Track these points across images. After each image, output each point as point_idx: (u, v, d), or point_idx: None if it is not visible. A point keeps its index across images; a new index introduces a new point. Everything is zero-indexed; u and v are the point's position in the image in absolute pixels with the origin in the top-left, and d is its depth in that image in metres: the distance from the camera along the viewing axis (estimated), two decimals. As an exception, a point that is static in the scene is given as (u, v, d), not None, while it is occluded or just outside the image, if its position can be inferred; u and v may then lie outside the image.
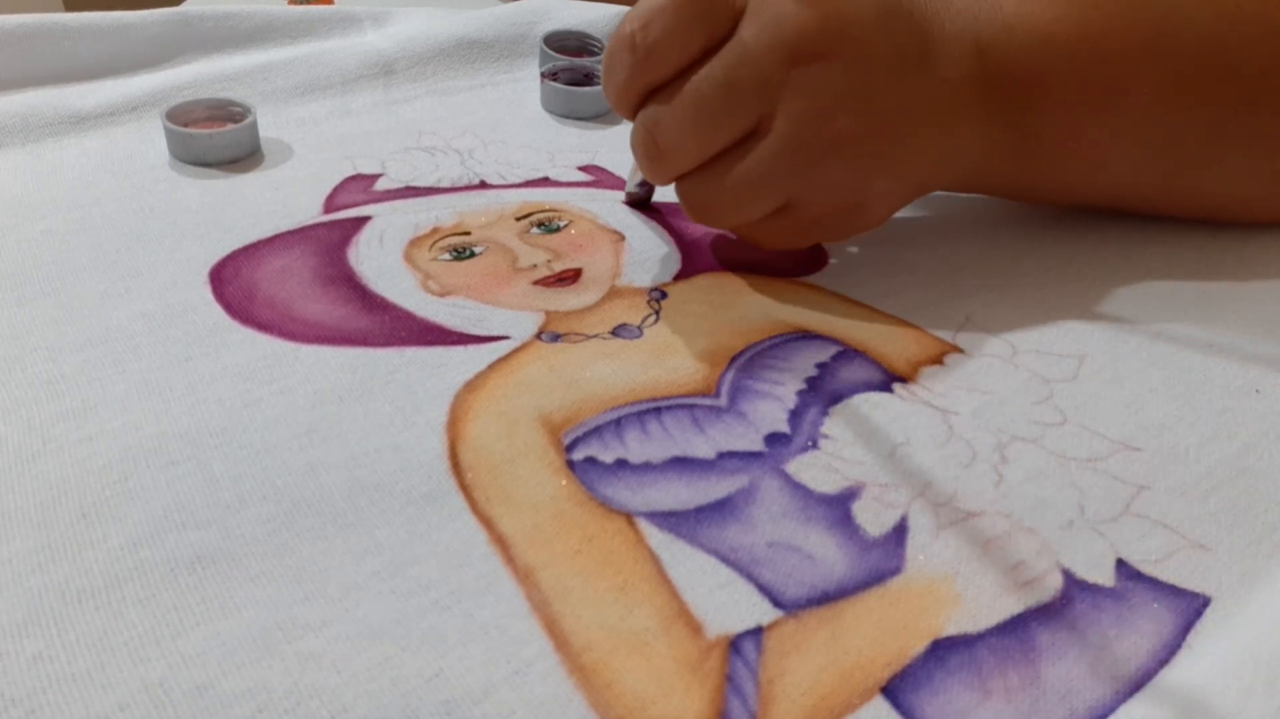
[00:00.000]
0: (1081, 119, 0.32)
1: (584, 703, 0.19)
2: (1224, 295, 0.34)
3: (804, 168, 0.29)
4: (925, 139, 0.30)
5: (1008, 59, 0.31)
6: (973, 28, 0.31)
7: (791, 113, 0.28)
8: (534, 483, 0.24)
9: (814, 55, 0.27)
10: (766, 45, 0.27)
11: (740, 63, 0.27)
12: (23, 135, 0.38)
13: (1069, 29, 0.31)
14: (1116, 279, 0.35)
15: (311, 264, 0.32)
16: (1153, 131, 0.33)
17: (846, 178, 0.30)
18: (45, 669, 0.19)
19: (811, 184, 0.29)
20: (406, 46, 0.46)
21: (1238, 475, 0.26)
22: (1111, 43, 0.32)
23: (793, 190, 0.29)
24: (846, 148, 0.29)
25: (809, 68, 0.27)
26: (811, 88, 0.28)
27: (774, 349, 0.30)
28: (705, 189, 0.30)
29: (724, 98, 0.28)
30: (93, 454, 0.24)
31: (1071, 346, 0.31)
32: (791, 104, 0.28)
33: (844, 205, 0.31)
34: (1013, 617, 0.22)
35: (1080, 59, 0.31)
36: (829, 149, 0.28)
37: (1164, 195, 0.36)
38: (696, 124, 0.28)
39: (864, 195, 0.30)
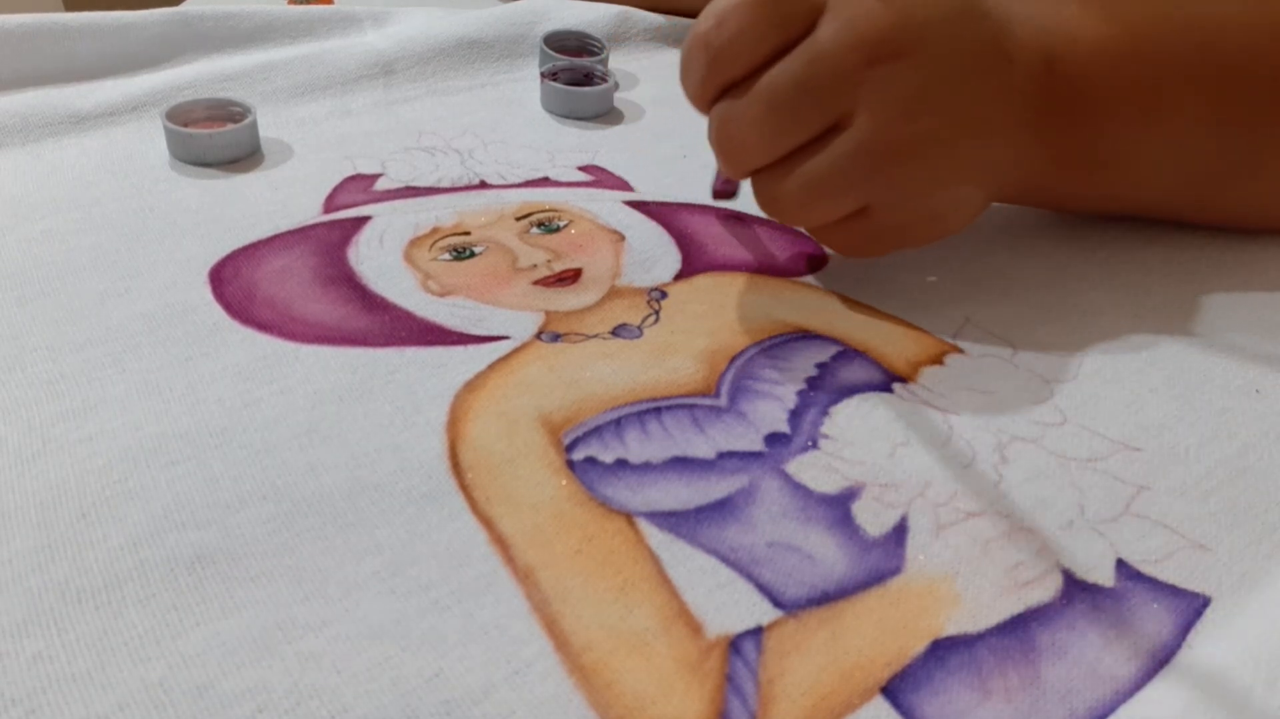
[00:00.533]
0: (1135, 131, 0.32)
1: (584, 703, 0.19)
2: (1224, 295, 0.34)
3: (881, 169, 0.28)
4: (998, 145, 0.30)
5: (1073, 71, 0.31)
6: (1040, 38, 0.31)
7: (871, 112, 0.27)
8: (534, 483, 0.24)
9: (892, 54, 0.27)
10: (845, 44, 0.27)
11: (817, 60, 0.27)
12: (23, 135, 0.38)
13: (1127, 43, 0.32)
14: (1116, 279, 0.35)
15: (311, 264, 0.32)
16: (1201, 144, 0.33)
17: (923, 181, 0.29)
18: (45, 669, 0.19)
19: (888, 186, 0.29)
20: (406, 46, 0.46)
21: (1238, 475, 0.26)
22: (1165, 57, 0.32)
23: (869, 192, 0.29)
24: (925, 149, 0.28)
25: (887, 67, 0.27)
26: (890, 87, 0.27)
27: (774, 349, 0.30)
28: (780, 186, 0.29)
29: (799, 95, 0.27)
30: (93, 454, 0.24)
31: (1071, 346, 0.31)
32: (871, 103, 0.27)
33: (921, 211, 0.30)
34: (1013, 617, 0.22)
35: (1136, 73, 0.32)
36: (907, 150, 0.28)
37: (1206, 206, 0.36)
38: (770, 121, 0.28)
39: (941, 201, 0.30)
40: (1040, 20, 0.31)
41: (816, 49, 0.27)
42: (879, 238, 0.31)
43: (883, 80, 0.27)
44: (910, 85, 0.28)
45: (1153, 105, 0.32)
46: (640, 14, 0.52)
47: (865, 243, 0.31)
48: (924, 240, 0.32)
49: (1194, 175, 0.35)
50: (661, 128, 0.44)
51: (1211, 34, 0.32)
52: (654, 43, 0.52)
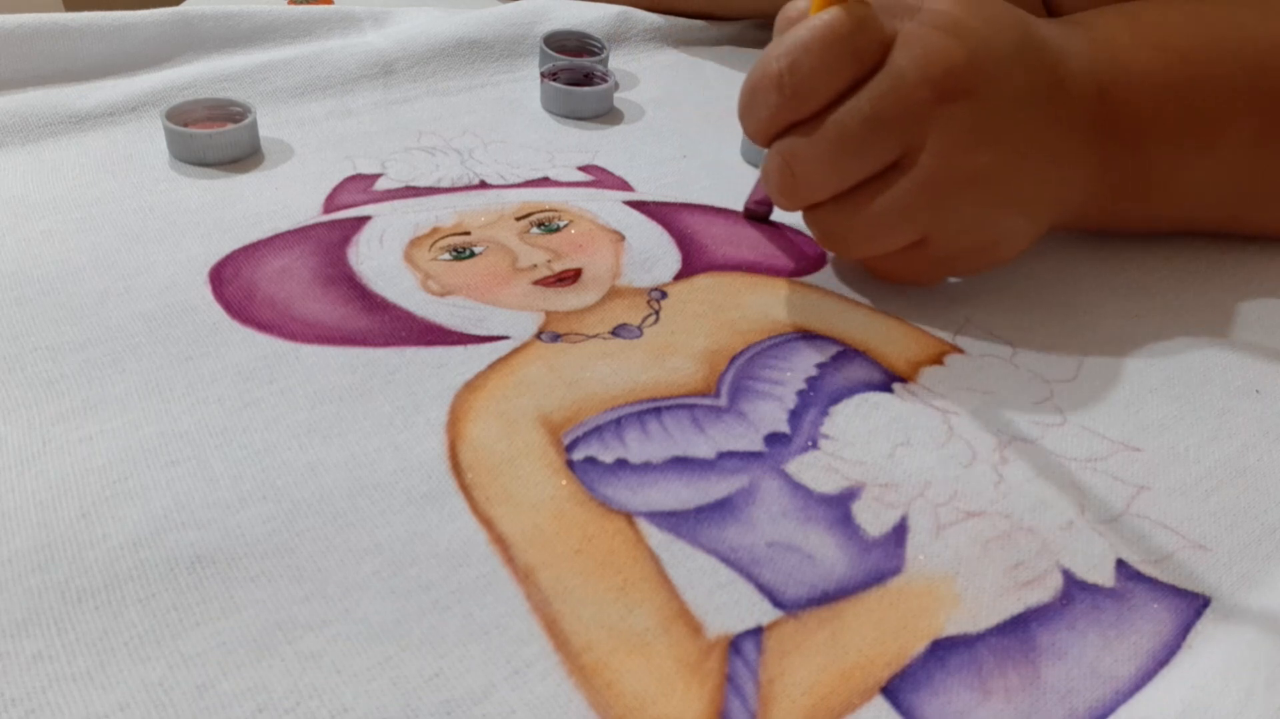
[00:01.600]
0: (1186, 158, 0.33)
1: (584, 703, 0.19)
2: (1224, 295, 0.34)
3: (943, 202, 0.29)
4: (1054, 175, 0.30)
5: (1125, 98, 0.31)
6: (1093, 68, 0.31)
7: (936, 148, 0.28)
8: (534, 483, 0.24)
9: (961, 91, 0.28)
10: (915, 80, 0.27)
11: (887, 96, 0.28)
12: (23, 135, 0.38)
13: (1179, 71, 0.32)
14: (1116, 279, 0.35)
15: (311, 264, 0.32)
16: (1248, 164, 0.34)
17: (983, 214, 0.30)
18: (45, 669, 0.19)
19: (949, 219, 0.29)
20: (406, 46, 0.46)
21: (1238, 475, 0.26)
22: (1216, 82, 0.32)
23: (930, 225, 0.29)
24: (985, 183, 0.29)
25: (955, 105, 0.28)
26: (956, 123, 0.28)
27: (774, 349, 0.30)
28: (840, 220, 0.30)
29: (868, 131, 0.28)
30: (93, 454, 0.24)
31: (1071, 347, 0.31)
32: (936, 139, 0.28)
33: (979, 242, 0.31)
34: (1013, 617, 0.22)
35: (1188, 99, 0.32)
36: (968, 184, 0.29)
37: (1249, 223, 0.37)
38: (838, 157, 0.28)
39: (998, 232, 0.31)
40: (1092, 50, 0.31)
41: (887, 85, 0.28)
42: (934, 267, 0.31)
43: (950, 117, 0.28)
44: (974, 121, 0.28)
45: (1204, 130, 0.33)
46: (640, 14, 0.52)
47: (921, 272, 0.32)
48: (977, 269, 0.32)
49: (1239, 195, 0.35)
50: (661, 128, 0.44)
51: (1263, 57, 0.33)
52: (654, 43, 0.52)
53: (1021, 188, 0.30)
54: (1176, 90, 0.32)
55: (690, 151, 0.42)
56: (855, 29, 0.28)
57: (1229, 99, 0.33)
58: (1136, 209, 0.35)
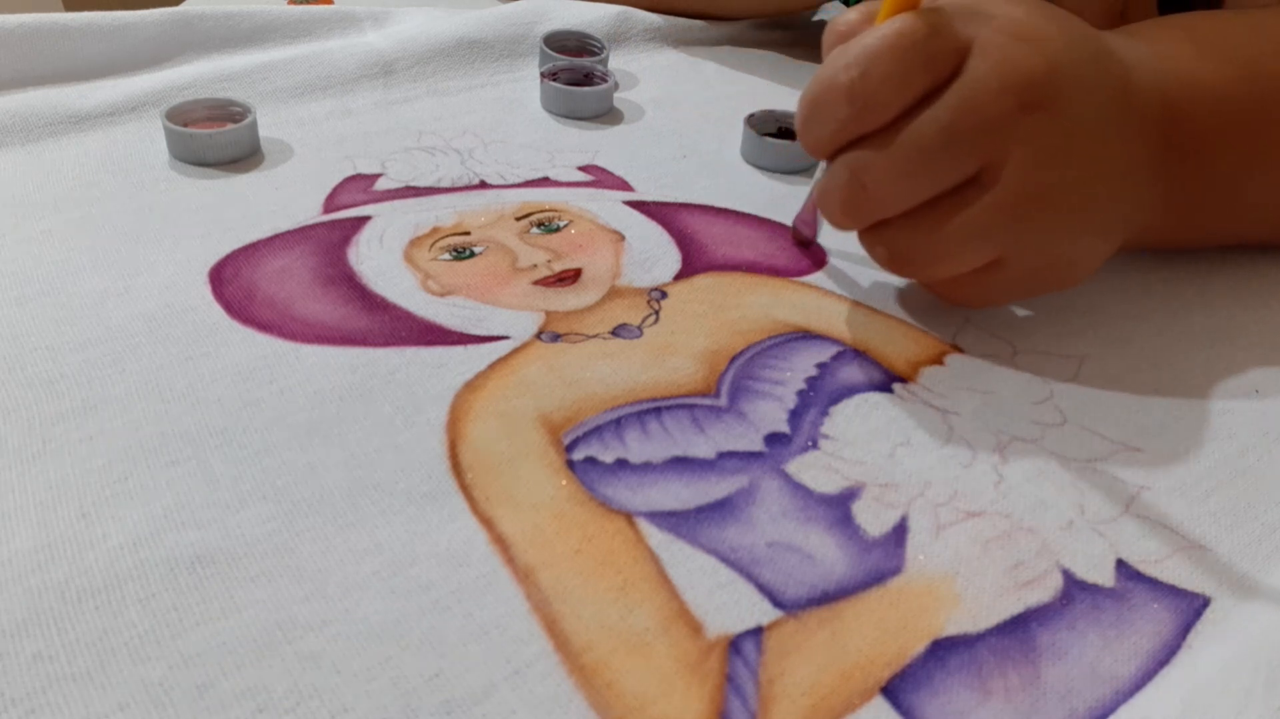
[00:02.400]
0: (1248, 174, 0.33)
1: (584, 703, 0.19)
2: (1224, 296, 0.34)
3: (1024, 220, 0.27)
4: (1128, 193, 0.30)
5: (1189, 114, 0.31)
6: (1159, 82, 0.30)
7: (1020, 161, 0.26)
8: (534, 483, 0.24)
9: (1041, 102, 0.26)
10: (995, 90, 0.26)
11: (967, 106, 0.26)
12: (23, 135, 0.38)
13: (1244, 85, 0.32)
14: (1116, 279, 0.35)
15: (311, 264, 0.32)
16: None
17: (1062, 232, 0.28)
18: (45, 669, 0.19)
19: (1028, 238, 0.28)
20: (406, 46, 0.46)
21: (1238, 475, 0.27)
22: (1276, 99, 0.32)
23: (1008, 244, 0.28)
24: (1064, 200, 0.28)
25: (1036, 116, 0.26)
26: (1038, 137, 0.27)
27: (774, 349, 0.30)
28: (911, 239, 0.28)
29: (946, 143, 0.26)
30: (93, 454, 0.24)
31: (1071, 347, 0.31)
32: (1020, 152, 0.26)
33: (1055, 262, 0.29)
34: (1013, 617, 0.22)
35: (1250, 118, 0.32)
36: (1046, 200, 0.27)
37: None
38: (913, 170, 0.27)
39: (1075, 252, 0.29)
40: (1157, 63, 0.31)
41: (966, 94, 0.26)
42: (1009, 289, 0.30)
43: (1033, 128, 0.26)
44: (1056, 135, 0.27)
45: (1266, 149, 0.32)
46: (640, 14, 0.52)
47: (993, 294, 0.30)
48: (1051, 289, 0.31)
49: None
50: (661, 128, 0.44)
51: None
52: (654, 43, 0.52)
53: (1098, 205, 0.29)
54: (1239, 102, 0.31)
55: (690, 151, 0.42)
56: (929, 35, 0.26)
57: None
58: (1200, 226, 0.34)
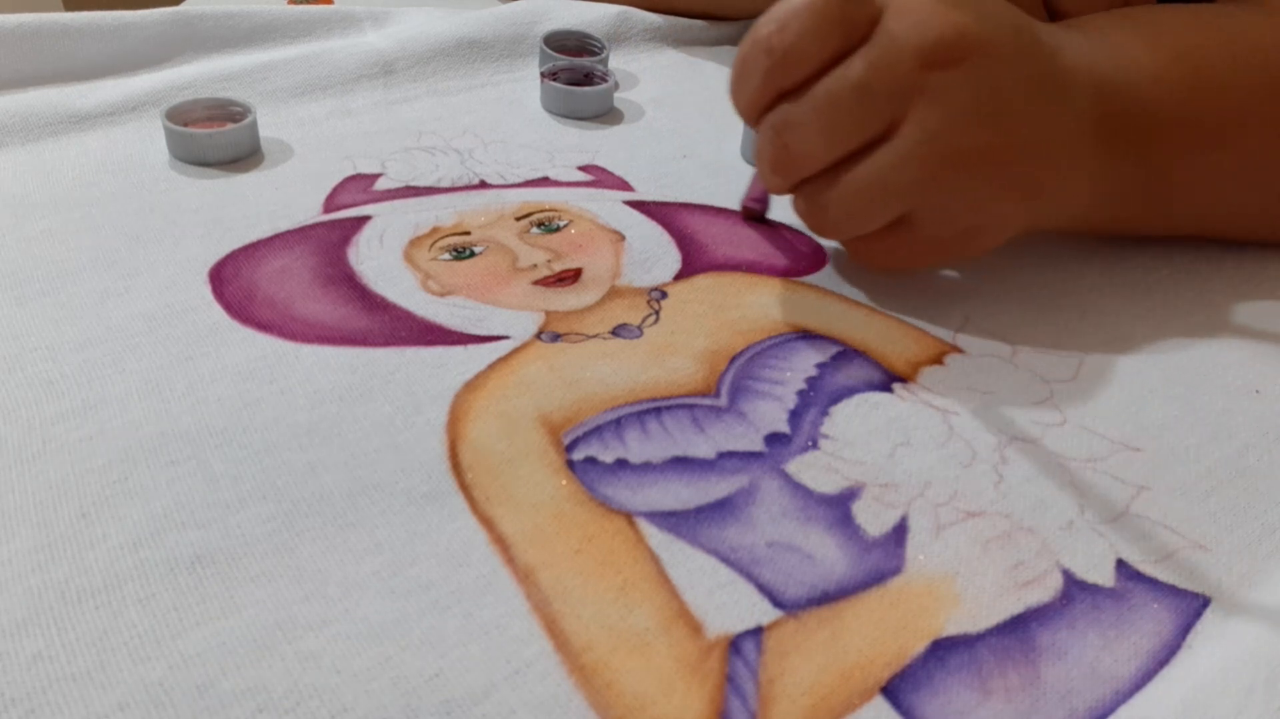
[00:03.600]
0: (1194, 160, 0.32)
1: (584, 703, 0.19)
2: (1224, 295, 0.34)
3: (928, 177, 0.28)
4: (1049, 167, 0.30)
5: (1126, 98, 0.31)
6: (1091, 64, 0.30)
7: (922, 119, 0.27)
8: (534, 483, 0.24)
9: (951, 61, 0.27)
10: (906, 48, 0.27)
11: (877, 64, 0.27)
12: (23, 135, 0.38)
13: (1182, 71, 0.31)
14: (1116, 279, 0.35)
15: (311, 264, 0.32)
16: (1261, 172, 0.33)
17: (968, 194, 0.29)
18: (45, 669, 0.19)
19: (932, 197, 0.29)
20: (406, 46, 0.46)
21: (1238, 475, 0.27)
22: (1221, 85, 0.32)
23: (913, 202, 0.29)
24: (972, 162, 0.28)
25: (945, 73, 0.27)
26: (945, 95, 0.27)
27: (774, 349, 0.30)
28: (826, 195, 0.29)
29: (858, 99, 0.27)
30: (93, 454, 0.24)
31: (1071, 347, 0.31)
32: (922, 109, 0.27)
33: (962, 225, 0.30)
34: (1013, 617, 0.22)
35: (1193, 101, 0.32)
36: (955, 161, 0.28)
37: (1265, 229, 0.36)
38: (828, 125, 0.28)
39: (983, 216, 0.30)
40: (1090, 46, 0.31)
41: (877, 52, 0.27)
42: (917, 251, 0.31)
43: (938, 86, 0.27)
44: (964, 93, 0.27)
45: (1213, 135, 0.32)
46: (640, 14, 0.52)
47: (903, 256, 0.31)
48: (960, 256, 0.31)
49: (1257, 201, 0.34)
50: (661, 128, 0.44)
51: (1262, 58, 0.32)
52: (654, 43, 0.52)
53: (1011, 173, 0.29)
54: (1179, 90, 0.31)
55: (690, 151, 0.42)
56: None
57: (1235, 101, 0.32)
58: (1146, 215, 0.34)
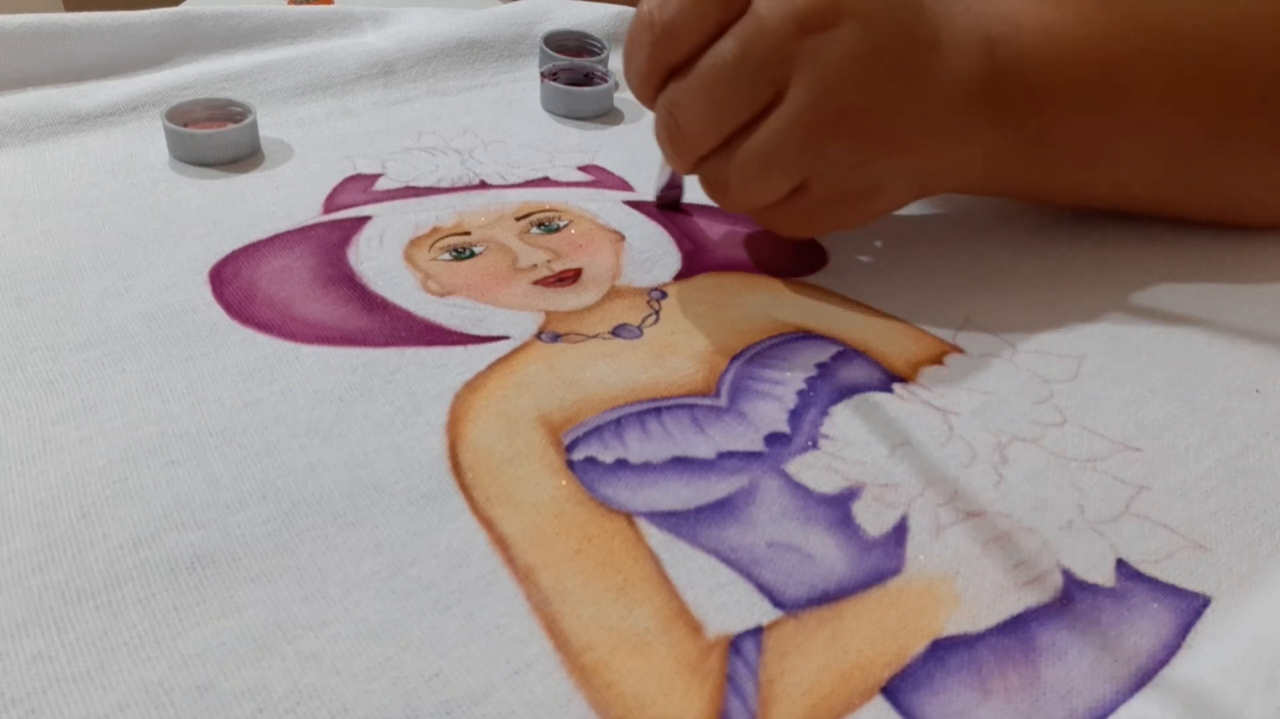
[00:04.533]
0: (1089, 121, 0.32)
1: (584, 703, 0.19)
2: (1224, 295, 0.34)
3: (813, 141, 0.28)
4: (933, 127, 0.30)
5: (1016, 57, 0.31)
6: (981, 24, 0.31)
7: (801, 84, 0.28)
8: (534, 483, 0.24)
9: (823, 25, 0.27)
10: (779, 16, 0.27)
11: (753, 35, 0.27)
12: (23, 135, 0.38)
13: (1076, 30, 0.31)
14: (1116, 279, 0.35)
15: (311, 264, 0.32)
16: (1160, 134, 0.33)
17: (853, 154, 0.29)
18: (45, 669, 0.19)
19: (820, 159, 0.29)
20: (406, 46, 0.46)
21: (1238, 475, 0.26)
22: (1118, 45, 0.32)
23: (804, 166, 0.29)
24: (853, 122, 0.29)
25: (819, 37, 0.27)
26: (820, 58, 0.28)
27: (774, 349, 0.30)
28: (724, 168, 0.29)
29: (738, 71, 0.28)
30: (93, 454, 0.24)
31: (1071, 347, 0.31)
32: (801, 75, 0.28)
33: (854, 187, 0.30)
34: (1013, 617, 0.22)
35: (1087, 60, 0.31)
36: (836, 122, 0.28)
37: (1173, 197, 0.36)
38: (713, 99, 0.28)
39: (872, 177, 0.30)
40: (983, 8, 0.31)
41: (753, 23, 0.28)
42: (816, 215, 0.31)
43: (814, 51, 0.27)
44: (840, 56, 0.28)
45: (1109, 95, 0.32)
46: (640, 14, 0.52)
47: (803, 221, 0.31)
48: (859, 219, 0.32)
49: (1159, 166, 0.34)
50: (661, 128, 0.44)
51: (1171, 24, 0.32)
52: (654, 43, 0.52)
53: (898, 133, 0.29)
54: (1073, 47, 0.31)
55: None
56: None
57: (1131, 60, 0.32)
58: (1050, 175, 0.34)
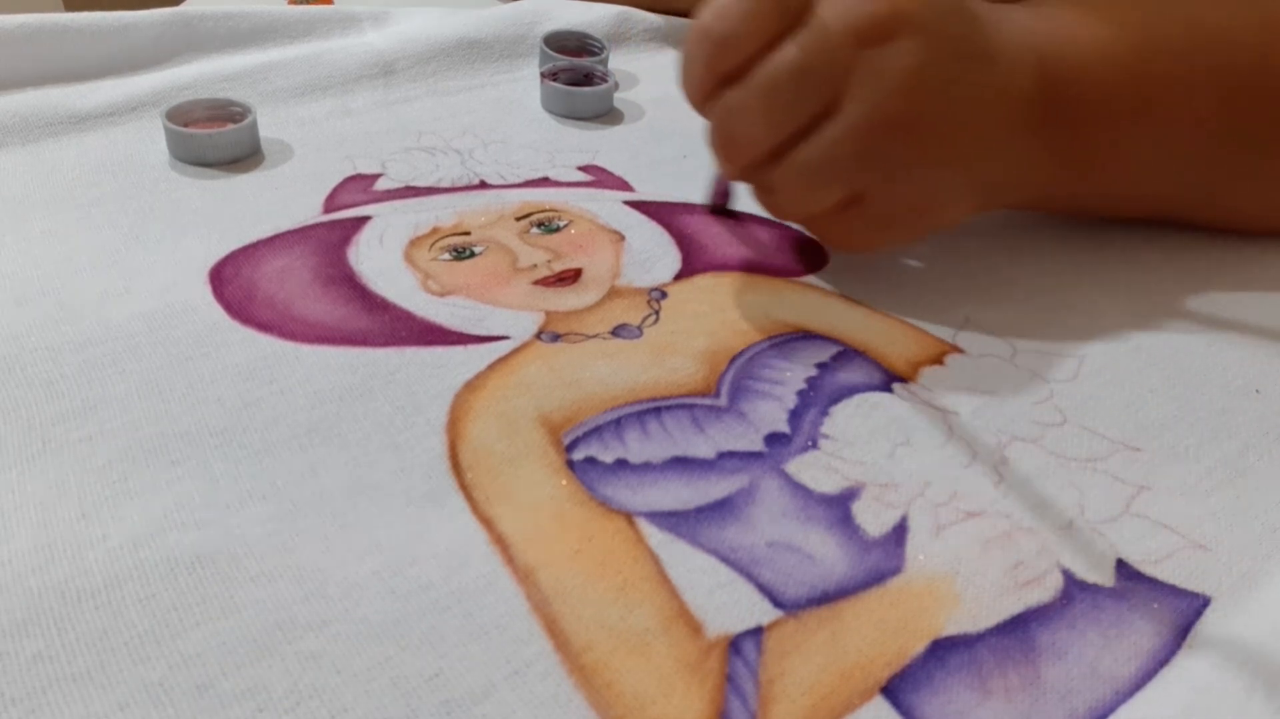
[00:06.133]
0: (1134, 133, 0.33)
1: (584, 703, 0.19)
2: (1224, 295, 0.34)
3: (868, 150, 0.28)
4: (991, 138, 0.30)
5: (1067, 71, 0.31)
6: (1032, 39, 0.31)
7: (859, 94, 0.28)
8: (534, 483, 0.24)
9: (883, 37, 0.28)
10: (838, 27, 0.28)
11: (812, 44, 0.28)
12: (23, 135, 0.38)
13: (1124, 46, 0.32)
14: (1116, 280, 0.35)
15: (311, 264, 0.32)
16: (1202, 148, 0.33)
17: (916, 167, 0.29)
18: (45, 669, 0.19)
19: (877, 170, 0.29)
20: (406, 46, 0.46)
21: (1238, 475, 0.26)
22: (1165, 60, 0.32)
23: (859, 177, 0.29)
24: (911, 132, 0.29)
25: (878, 49, 0.28)
26: (879, 69, 0.28)
27: (774, 349, 0.30)
28: (774, 177, 0.30)
29: (796, 80, 0.28)
30: (93, 454, 0.24)
31: (1071, 347, 0.31)
32: (859, 85, 0.28)
33: (912, 199, 0.30)
34: (1013, 617, 0.22)
35: (1136, 75, 0.32)
36: (893, 132, 0.28)
37: (1209, 209, 0.36)
38: (768, 107, 0.28)
39: (934, 190, 0.30)
40: (1031, 22, 0.31)
41: (811, 33, 0.28)
42: (872, 228, 0.31)
43: (873, 62, 0.28)
44: (899, 67, 0.28)
45: (1152, 107, 0.32)
46: (640, 14, 0.52)
47: (859, 234, 0.31)
48: (916, 233, 0.32)
49: (1195, 179, 0.35)
50: (661, 128, 0.44)
51: (1216, 36, 0.32)
52: (654, 43, 0.52)
53: (957, 144, 0.30)
54: (1122, 63, 0.32)
55: (690, 151, 0.42)
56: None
57: (1178, 75, 0.32)
58: (1088, 187, 0.34)
